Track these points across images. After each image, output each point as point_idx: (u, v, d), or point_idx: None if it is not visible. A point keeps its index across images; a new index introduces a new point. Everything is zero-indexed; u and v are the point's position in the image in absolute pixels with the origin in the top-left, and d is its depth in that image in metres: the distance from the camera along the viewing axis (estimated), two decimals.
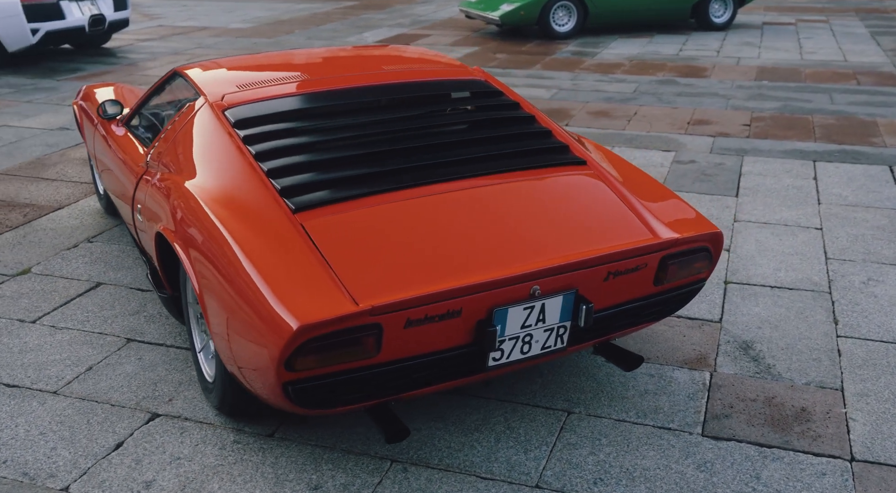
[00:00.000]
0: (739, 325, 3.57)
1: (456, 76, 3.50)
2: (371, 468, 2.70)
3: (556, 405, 3.02)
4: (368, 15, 13.83)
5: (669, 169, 5.62)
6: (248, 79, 3.35)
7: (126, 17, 10.32)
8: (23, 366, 3.30)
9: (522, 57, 9.83)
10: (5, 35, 9.11)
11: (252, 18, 13.56)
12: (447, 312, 2.41)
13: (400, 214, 2.65)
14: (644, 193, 2.98)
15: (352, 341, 2.30)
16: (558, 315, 2.61)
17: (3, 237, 4.60)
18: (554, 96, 7.78)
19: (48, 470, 2.71)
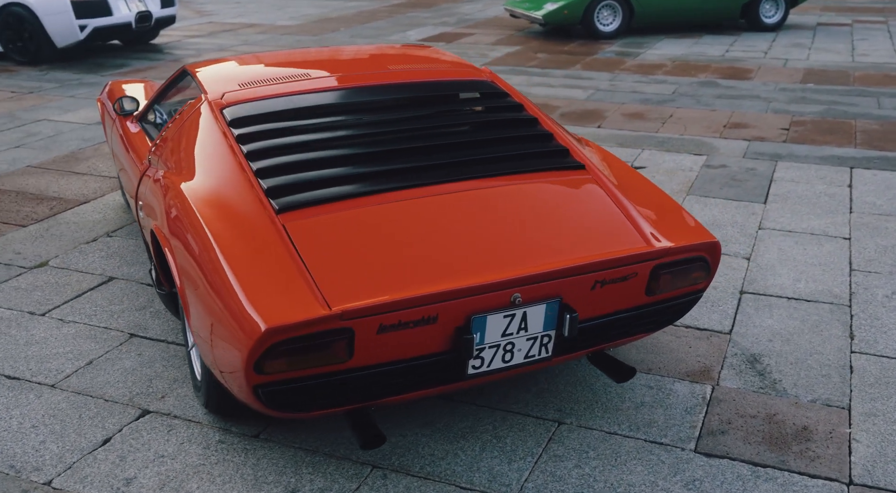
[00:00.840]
0: (749, 337, 3.46)
1: (461, 77, 3.45)
2: (351, 474, 2.67)
3: (547, 415, 2.95)
4: (414, 13, 13.82)
5: (698, 174, 5.48)
6: (252, 77, 3.35)
7: (173, 14, 10.48)
8: (26, 358, 3.35)
9: (563, 57, 9.72)
10: (54, 31, 9.32)
11: (301, 15, 13.66)
12: (422, 318, 2.37)
13: (385, 217, 2.61)
14: (643, 200, 2.90)
15: (322, 345, 2.28)
16: (541, 324, 2.55)
17: (27, 230, 4.69)
18: (590, 97, 7.67)
19: (34, 463, 2.74)
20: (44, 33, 9.32)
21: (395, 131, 3.04)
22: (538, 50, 10.20)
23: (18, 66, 9.55)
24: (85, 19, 9.41)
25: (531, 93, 7.84)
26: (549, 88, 8.08)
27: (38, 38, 9.36)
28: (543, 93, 7.86)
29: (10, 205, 5.09)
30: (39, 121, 7.08)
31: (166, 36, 11.60)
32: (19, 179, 5.58)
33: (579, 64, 9.27)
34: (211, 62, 3.71)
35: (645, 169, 5.58)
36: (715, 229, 4.55)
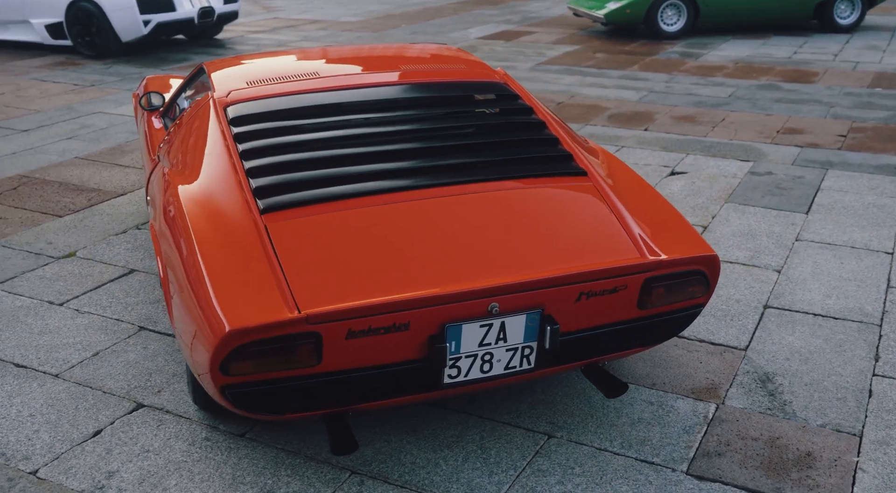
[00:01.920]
0: (766, 354, 3.30)
1: (472, 78, 3.38)
2: (328, 478, 2.64)
3: (538, 427, 2.87)
4: (480, 11, 13.75)
5: (741, 181, 5.29)
6: (264, 75, 3.34)
7: (235, 10, 10.64)
8: (36, 347, 3.42)
9: (622, 57, 9.52)
10: (119, 26, 9.56)
11: (364, 12, 13.74)
12: (393, 325, 2.32)
13: (371, 220, 2.57)
14: (644, 210, 2.78)
15: (287, 348, 2.25)
16: (522, 335, 2.47)
17: (63, 220, 4.80)
18: (642, 99, 7.49)
19: (24, 452, 2.78)
20: (110, 28, 9.57)
21: (394, 132, 2.99)
22: (597, 49, 10.02)
23: (86, 59, 9.83)
24: (149, 14, 9.63)
25: (582, 93, 7.71)
26: (601, 88, 7.93)
27: (105, 33, 9.61)
28: (595, 93, 7.71)
29: (52, 195, 5.23)
30: (95, 113, 7.27)
31: (230, 31, 11.80)
32: (65, 170, 5.73)
33: (637, 65, 9.07)
34: (230, 59, 3.73)
35: (686, 175, 5.41)
36: (748, 240, 4.38)
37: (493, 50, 10.08)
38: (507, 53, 9.83)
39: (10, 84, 8.52)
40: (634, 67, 8.91)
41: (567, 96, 7.60)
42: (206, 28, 10.48)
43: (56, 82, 8.57)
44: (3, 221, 4.81)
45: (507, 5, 14.49)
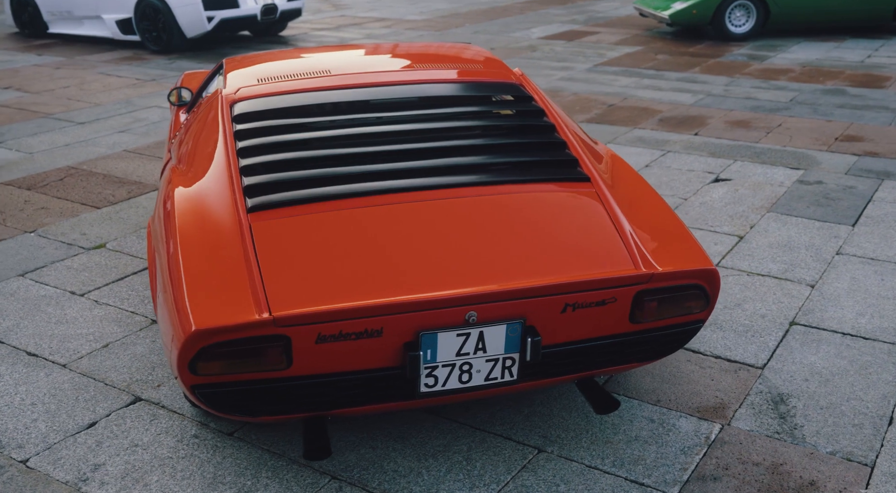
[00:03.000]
0: (784, 374, 3.14)
1: (486, 79, 3.31)
2: (307, 482, 2.60)
3: (529, 440, 2.78)
4: (547, 10, 13.60)
5: (787, 189, 5.07)
6: (276, 73, 3.33)
7: (299, 7, 10.75)
8: (51, 336, 3.49)
9: (684, 58, 9.27)
10: (184, 22, 9.76)
11: (431, 10, 13.73)
12: (365, 330, 2.27)
13: (357, 222, 2.52)
14: (645, 220, 2.67)
15: (255, 350, 2.22)
16: (502, 346, 2.39)
17: (100, 212, 4.90)
18: (697, 102, 7.27)
19: (19, 440, 2.83)
20: (175, 24, 9.78)
21: (396, 132, 2.94)
22: (660, 51, 9.78)
23: (152, 54, 10.07)
24: (213, 11, 9.81)
25: (636, 95, 7.52)
26: (656, 91, 7.73)
27: (170, 29, 9.83)
28: (649, 96, 7.52)
29: (94, 187, 5.34)
30: (150, 108, 7.42)
31: (295, 28, 11.93)
32: (112, 162, 5.85)
33: (699, 67, 8.82)
34: (251, 56, 3.74)
35: (730, 182, 5.22)
36: (785, 252, 4.18)
37: (553, 50, 9.94)
38: (567, 54, 9.69)
39: (77, 78, 8.78)
40: (695, 70, 8.66)
41: (620, 98, 7.44)
42: (269, 25, 10.62)
43: (119, 77, 8.79)
44: (45, 211, 4.94)
45: (576, 5, 14.30)
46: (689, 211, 4.75)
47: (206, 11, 9.77)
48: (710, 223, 4.57)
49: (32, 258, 4.26)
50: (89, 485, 2.61)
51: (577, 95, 7.58)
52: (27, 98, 7.88)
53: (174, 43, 9.93)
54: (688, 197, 4.98)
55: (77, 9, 10.67)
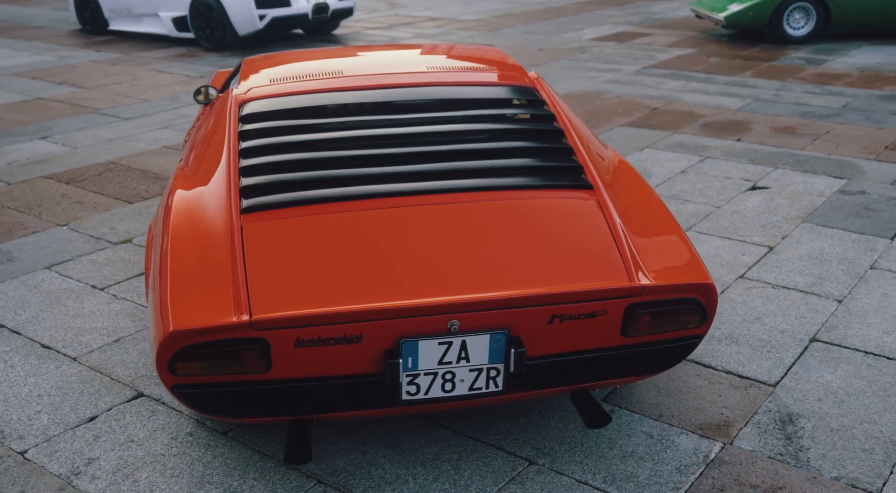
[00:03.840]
0: (796, 393, 3.03)
1: (498, 82, 3.26)
2: (292, 485, 2.59)
3: (521, 452, 2.73)
4: (602, 11, 13.43)
5: (827, 199, 4.89)
6: (290, 73, 3.34)
7: (350, 6, 10.81)
8: (66, 329, 3.56)
9: (737, 62, 9.05)
10: (237, 20, 9.89)
11: (485, 10, 13.68)
12: (344, 336, 2.24)
13: (348, 226, 2.50)
14: (646, 231, 2.59)
15: (232, 353, 2.22)
16: (486, 356, 2.34)
17: (132, 206, 4.99)
18: (744, 107, 7.08)
19: (20, 432, 2.88)
20: (227, 22, 9.92)
21: (400, 135, 2.91)
22: (713, 54, 9.57)
23: (205, 52, 10.23)
24: (264, 9, 9.92)
25: (681, 99, 7.37)
26: (703, 94, 7.55)
27: (223, 27, 9.97)
28: (695, 100, 7.35)
29: (130, 182, 5.44)
30: (195, 104, 7.54)
31: (347, 27, 12.00)
32: (150, 158, 5.96)
33: (751, 71, 8.59)
34: (270, 55, 3.75)
35: (767, 190, 5.06)
36: (815, 265, 4.04)
37: (603, 52, 9.80)
38: (616, 55, 9.54)
39: (130, 74, 8.97)
40: (746, 74, 8.44)
41: (664, 102, 7.29)
42: (321, 24, 10.70)
43: (170, 73, 8.95)
44: (79, 205, 5.04)
45: (633, 6, 14.09)
46: (720, 220, 4.62)
47: (258, 10, 9.89)
48: (740, 233, 4.44)
49: (61, 251, 4.36)
50: (80, 479, 2.64)
51: (620, 98, 7.45)
52: (79, 93, 8.08)
53: (227, 41, 10.07)
54: (720, 205, 4.84)
55: (136, 6, 10.90)
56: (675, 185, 5.19)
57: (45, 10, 14.59)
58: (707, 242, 4.33)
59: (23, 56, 10.19)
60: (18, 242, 4.49)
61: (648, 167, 5.53)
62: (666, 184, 5.21)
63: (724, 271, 4.00)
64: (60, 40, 11.32)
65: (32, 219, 4.82)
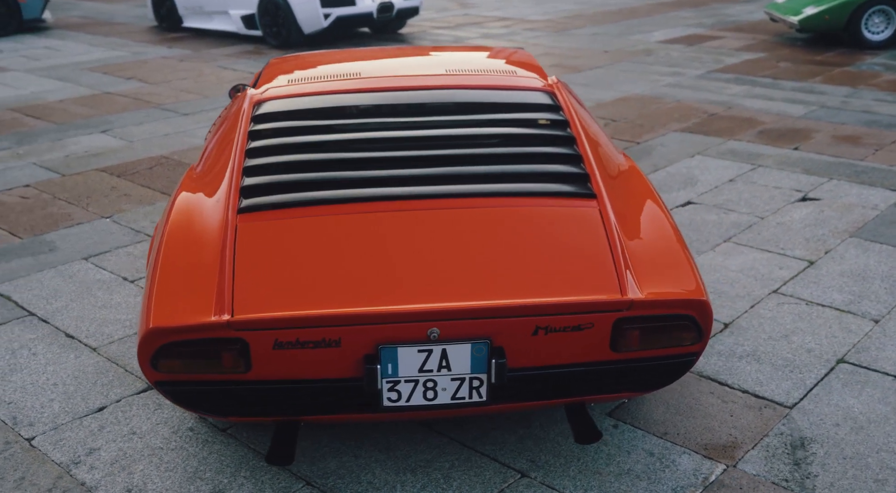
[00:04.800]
0: (813, 416, 2.89)
1: (516, 86, 3.20)
2: (280, 486, 2.60)
3: (515, 463, 2.68)
4: (676, 13, 13.15)
5: (880, 213, 4.67)
6: (307, 74, 3.35)
7: (416, 6, 10.84)
8: (91, 320, 3.65)
9: (807, 67, 8.74)
10: (302, 18, 10.03)
11: (556, 11, 13.55)
12: (322, 340, 2.24)
13: (340, 229, 2.49)
14: (646, 244, 2.51)
15: (210, 352, 2.23)
16: (468, 365, 2.30)
17: None
18: (807, 114, 6.82)
19: (31, 419, 2.97)
20: (293, 20, 10.06)
21: (407, 138, 2.89)
22: (783, 58, 9.26)
23: (271, 49, 10.40)
24: (329, 8, 10.03)
25: (742, 105, 7.15)
26: (766, 100, 7.31)
27: (289, 25, 10.12)
28: (756, 106, 7.13)
29: (178, 176, 5.56)
30: None
31: (413, 26, 12.04)
32: (197, 153, 6.07)
33: (821, 76, 8.28)
34: (297, 56, 3.77)
35: (817, 202, 4.86)
36: (856, 282, 3.86)
37: (669, 55, 9.59)
38: (682, 59, 9.33)
39: (196, 70, 9.18)
40: (816, 79, 8.14)
41: (723, 108, 7.08)
42: (386, 22, 10.76)
43: (234, 70, 9.13)
44: (126, 198, 5.18)
45: (709, 7, 13.75)
46: (762, 231, 4.46)
47: (323, 8, 10.00)
48: (781, 246, 4.27)
49: (100, 243, 4.48)
50: (79, 468, 2.70)
51: (678, 103, 7.28)
52: (145, 88, 8.30)
53: (292, 38, 10.22)
54: (765, 216, 4.67)
55: (208, 4, 11.16)
56: (721, 194, 5.03)
57: (128, 7, 15.07)
58: (744, 254, 4.19)
59: (99, 51, 10.53)
60: (63, 233, 4.63)
61: (696, 175, 5.38)
62: (710, 192, 5.05)
63: (756, 286, 3.85)
64: (136, 36, 11.67)
65: (80, 210, 4.97)
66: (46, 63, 9.84)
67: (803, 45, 10.11)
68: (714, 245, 4.31)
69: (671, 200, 4.93)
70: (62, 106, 7.67)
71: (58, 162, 5.94)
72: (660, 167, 5.55)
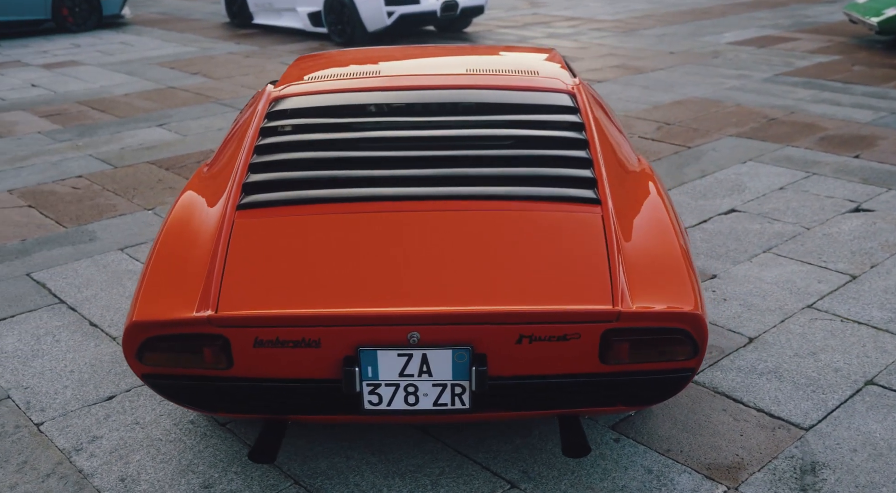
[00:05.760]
0: (830, 440, 2.75)
1: (535, 87, 3.13)
2: (268, 483, 2.60)
3: (506, 474, 2.62)
4: (751, 13, 12.77)
5: None
6: (327, 72, 3.35)
7: (481, 4, 10.79)
8: (116, 309, 3.73)
9: (883, 71, 8.36)
10: (366, 16, 10.09)
11: (628, 10, 13.31)
12: (302, 340, 2.22)
13: (333, 228, 2.48)
14: (646, 254, 2.41)
15: (192, 347, 2.24)
16: (449, 372, 2.25)
17: None
18: (876, 121, 6.53)
19: (43, 404, 3.04)
20: (357, 17, 10.13)
21: (415, 138, 2.86)
22: (859, 62, 8.89)
23: (336, 47, 10.50)
24: (393, 6, 10.06)
25: (806, 110, 6.88)
26: (833, 105, 7.02)
27: (353, 22, 10.20)
28: (820, 111, 6.85)
29: None
30: None
31: (479, 25, 11.99)
32: None
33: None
34: (323, 54, 3.78)
35: (870, 213, 4.64)
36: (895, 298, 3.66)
37: (737, 57, 9.32)
38: (750, 61, 9.04)
39: (259, 67, 9.32)
40: (891, 84, 7.79)
41: (785, 112, 6.83)
42: (451, 21, 10.74)
43: None
44: (171, 191, 5.28)
45: (788, 8, 13.31)
46: (806, 242, 4.27)
47: (387, 6, 10.04)
48: (824, 258, 4.09)
49: (138, 234, 4.57)
50: (80, 455, 2.75)
51: (738, 107, 7.05)
52: (208, 84, 8.47)
53: (356, 36, 10.29)
54: (812, 227, 4.48)
55: (277, 1, 11.33)
56: (768, 202, 4.84)
57: (204, 4, 15.43)
58: (782, 266, 4.02)
59: (170, 47, 10.80)
60: (105, 223, 4.74)
61: (744, 182, 5.20)
62: (757, 200, 4.87)
63: (791, 299, 3.69)
64: (208, 32, 11.93)
65: (125, 202, 5.09)
66: (119, 58, 10.14)
67: (883, 48, 9.69)
68: (752, 255, 4.15)
69: (713, 208, 4.77)
70: (127, 100, 7.88)
71: (112, 154, 6.10)
72: (707, 173, 5.38)
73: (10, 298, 3.88)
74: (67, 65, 9.79)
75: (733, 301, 3.68)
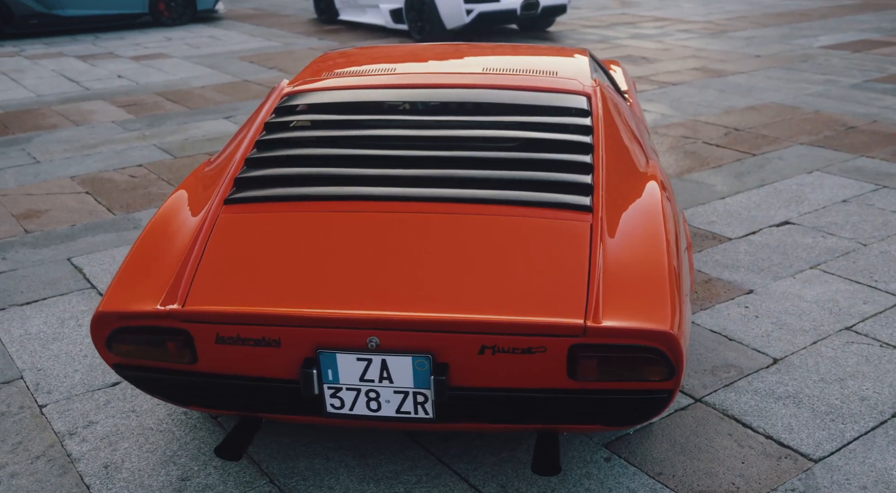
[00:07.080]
0: (839, 474, 2.55)
1: (549, 88, 3.02)
2: (244, 479, 2.59)
3: (483, 487, 2.53)
4: (853, 16, 12.16)
5: None
6: (343, 68, 3.32)
7: (563, 3, 10.61)
8: None
9: None
10: (445, 13, 10.06)
11: (721, 11, 12.88)
12: (262, 338, 2.19)
13: (312, 227, 2.44)
14: (631, 267, 2.28)
15: (155, 341, 2.24)
16: (410, 379, 2.19)
17: None
18: None
19: (50, 387, 3.12)
20: (436, 15, 10.12)
21: (416, 137, 2.80)
22: None
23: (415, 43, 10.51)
24: (472, 4, 10.00)
25: (890, 119, 6.48)
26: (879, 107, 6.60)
27: (432, 19, 10.19)
28: (876, 114, 6.45)
29: None
30: None
31: (563, 24, 11.80)
32: None
33: None
34: (344, 51, 3.76)
35: None
36: None
37: (828, 61, 8.87)
38: (841, 66, 8.60)
39: None
40: None
41: (867, 121, 6.45)
42: (532, 20, 10.61)
43: None
44: None
45: (893, 11, 12.62)
46: (858, 260, 4.01)
47: (466, 4, 9.99)
48: (875, 278, 3.82)
49: None
50: (72, 439, 2.80)
51: (817, 113, 6.70)
52: (281, 77, 8.60)
53: (435, 34, 10.28)
54: (869, 243, 4.20)
55: None
56: (826, 215, 4.57)
57: (297, 0, 15.71)
58: (827, 283, 3.77)
59: (255, 41, 11.04)
60: (151, 212, 4.86)
61: (805, 193, 4.92)
62: (814, 213, 4.60)
63: (829, 320, 3.46)
64: (294, 28, 12.14)
65: None
66: (204, 51, 10.42)
67: None
68: (797, 271, 3.91)
69: (766, 219, 4.53)
70: (201, 92, 8.08)
71: (175, 145, 6.25)
72: (767, 182, 5.12)
73: (47, 281, 4.00)
74: (155, 57, 10.12)
75: (765, 319, 3.48)
